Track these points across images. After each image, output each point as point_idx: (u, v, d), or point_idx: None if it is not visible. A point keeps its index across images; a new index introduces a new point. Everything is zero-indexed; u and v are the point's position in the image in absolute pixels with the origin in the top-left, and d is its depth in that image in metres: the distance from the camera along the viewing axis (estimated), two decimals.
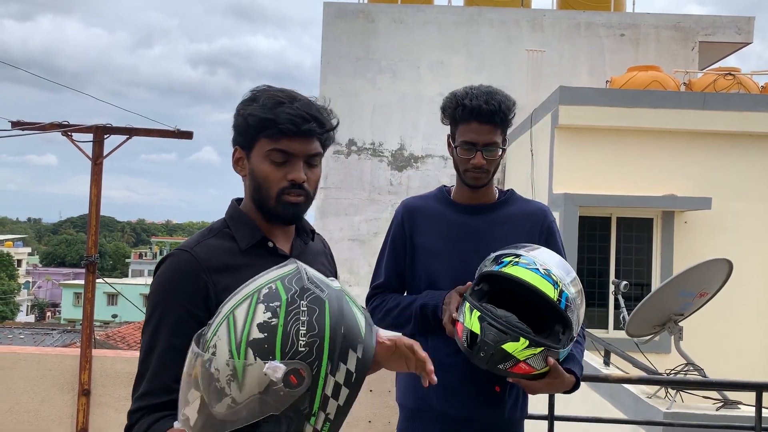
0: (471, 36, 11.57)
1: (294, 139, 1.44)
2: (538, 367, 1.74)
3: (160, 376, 1.40)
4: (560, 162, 7.63)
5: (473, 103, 1.94)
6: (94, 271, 5.46)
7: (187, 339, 1.37)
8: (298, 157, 1.46)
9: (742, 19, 11.73)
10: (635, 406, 3.92)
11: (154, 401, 1.39)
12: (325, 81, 11.42)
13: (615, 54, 11.44)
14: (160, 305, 1.43)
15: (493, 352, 1.72)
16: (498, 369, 1.74)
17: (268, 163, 1.46)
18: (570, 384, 1.86)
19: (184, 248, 1.48)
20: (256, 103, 1.46)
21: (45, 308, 52.86)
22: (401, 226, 2.11)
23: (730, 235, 7.64)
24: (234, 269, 1.47)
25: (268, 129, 1.44)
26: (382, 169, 11.26)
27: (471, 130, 1.96)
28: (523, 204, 2.12)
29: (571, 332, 1.76)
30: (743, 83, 8.94)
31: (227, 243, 1.51)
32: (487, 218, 2.05)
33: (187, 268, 1.43)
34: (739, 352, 7.42)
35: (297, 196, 1.47)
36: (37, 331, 27.38)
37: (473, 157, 1.97)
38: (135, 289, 41.40)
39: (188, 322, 1.40)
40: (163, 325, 1.42)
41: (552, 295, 1.73)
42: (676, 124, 7.75)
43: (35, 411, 4.46)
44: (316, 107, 1.48)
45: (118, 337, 21.97)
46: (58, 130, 5.41)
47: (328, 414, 1.14)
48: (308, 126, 1.43)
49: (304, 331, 1.11)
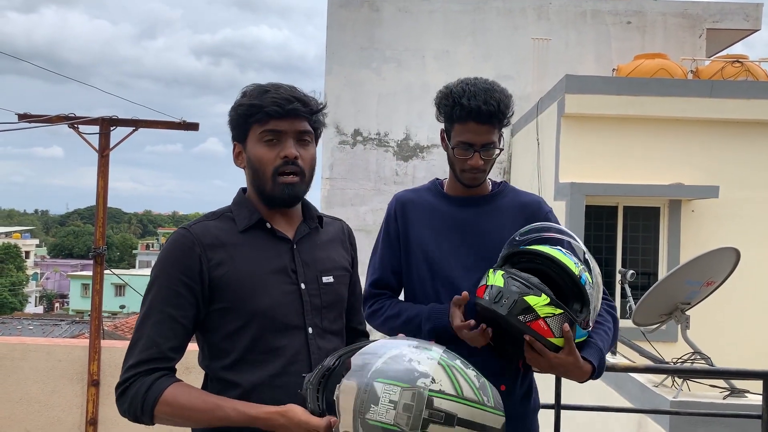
0: (476, 25, 11.50)
1: (282, 120, 1.55)
2: (555, 332, 1.69)
3: (157, 344, 1.47)
4: (566, 151, 7.60)
5: (471, 103, 1.86)
6: (102, 262, 5.48)
7: (180, 309, 1.49)
8: (288, 135, 1.55)
9: (750, 6, 11.62)
10: (642, 395, 3.92)
11: (149, 367, 1.46)
12: (330, 71, 11.39)
13: (621, 42, 11.36)
14: (158, 278, 1.52)
15: (516, 299, 1.70)
16: (518, 320, 1.70)
17: (261, 146, 1.56)
18: (585, 371, 1.77)
19: (183, 226, 1.58)
20: (244, 97, 1.58)
21: (53, 299, 53.19)
22: (394, 220, 2.07)
23: (737, 223, 7.61)
24: (229, 247, 1.54)
25: (256, 114, 1.54)
26: (388, 159, 11.24)
27: (468, 130, 1.90)
28: (516, 195, 2.07)
29: (588, 312, 1.74)
30: (751, 70, 8.86)
31: (226, 225, 1.59)
32: (480, 210, 2.01)
33: (182, 242, 1.53)
34: (746, 341, 7.40)
35: (292, 175, 1.55)
36: (45, 322, 27.57)
37: (470, 158, 1.92)
38: (142, 280, 41.57)
39: (182, 292, 1.49)
40: (158, 296, 1.50)
41: (574, 270, 1.73)
42: (684, 112, 7.70)
43: (45, 401, 4.50)
44: (301, 92, 1.59)
45: (126, 327, 22.09)
46: (64, 122, 5.42)
47: None
48: (293, 106, 1.54)
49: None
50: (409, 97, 11.38)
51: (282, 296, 1.55)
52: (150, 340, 1.47)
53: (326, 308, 1.62)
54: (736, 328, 7.44)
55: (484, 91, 1.89)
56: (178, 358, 1.51)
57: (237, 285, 1.52)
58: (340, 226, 1.81)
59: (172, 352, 1.49)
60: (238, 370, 1.53)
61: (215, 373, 1.57)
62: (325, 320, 1.61)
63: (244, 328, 1.53)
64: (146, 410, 1.43)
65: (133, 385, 1.45)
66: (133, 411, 1.45)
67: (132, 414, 1.45)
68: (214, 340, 1.56)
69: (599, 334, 1.85)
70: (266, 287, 1.54)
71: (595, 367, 1.78)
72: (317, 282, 1.61)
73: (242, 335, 1.53)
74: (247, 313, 1.52)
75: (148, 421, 1.46)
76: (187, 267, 1.50)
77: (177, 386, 1.46)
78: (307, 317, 1.58)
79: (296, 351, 1.54)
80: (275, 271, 1.56)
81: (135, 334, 1.50)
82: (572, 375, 1.77)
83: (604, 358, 1.82)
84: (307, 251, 1.63)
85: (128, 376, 1.46)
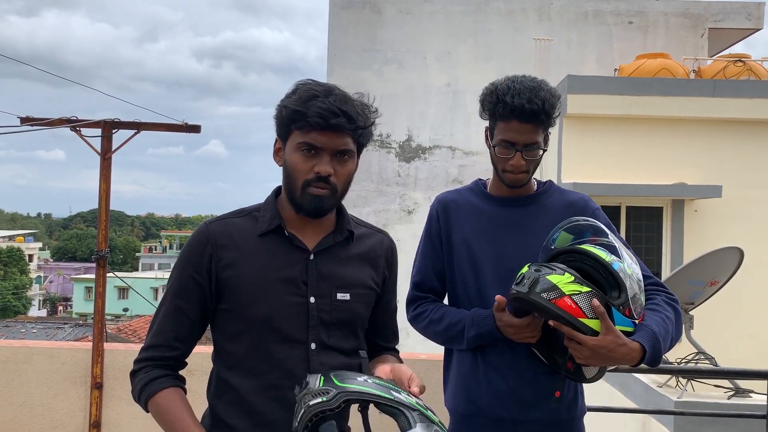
0: (478, 26, 11.50)
1: (323, 133, 1.48)
2: (587, 312, 1.63)
3: (163, 333, 1.56)
4: (569, 151, 7.59)
5: (515, 101, 1.81)
6: (105, 265, 5.49)
7: (188, 302, 1.55)
8: (325, 151, 1.49)
9: (752, 5, 11.60)
10: (646, 395, 3.91)
11: (156, 354, 1.56)
12: (332, 73, 11.40)
13: (623, 42, 11.35)
14: (174, 270, 1.58)
15: (537, 278, 1.66)
16: (541, 298, 1.64)
17: (298, 155, 1.50)
18: (633, 350, 1.64)
19: (205, 222, 1.60)
20: (294, 95, 1.51)
21: (57, 302, 53.28)
22: (437, 221, 2.02)
23: (741, 222, 7.59)
24: (243, 249, 1.54)
25: (298, 121, 1.48)
26: (390, 160, 11.24)
27: (511, 129, 1.84)
28: (562, 194, 2.01)
29: (627, 299, 1.69)
30: (753, 70, 8.85)
31: (249, 224, 1.58)
32: (526, 210, 1.96)
33: (198, 239, 1.56)
34: (750, 341, 7.38)
35: (321, 189, 1.49)
36: (49, 325, 27.61)
37: (512, 158, 1.86)
38: (145, 283, 41.63)
39: (190, 286, 1.54)
40: (171, 288, 1.57)
41: (605, 257, 1.71)
42: (686, 112, 7.69)
43: (48, 404, 4.50)
44: (352, 103, 1.51)
45: (129, 330, 22.12)
46: (66, 125, 5.43)
47: None
48: (337, 121, 1.46)
49: None
50: (411, 99, 11.38)
51: (284, 307, 1.51)
52: (159, 329, 1.56)
53: (336, 325, 1.56)
54: (740, 328, 7.42)
55: (529, 90, 1.83)
56: (182, 348, 1.57)
57: (241, 288, 1.51)
58: (380, 240, 1.70)
59: (176, 342, 1.56)
60: (236, 373, 1.53)
61: (218, 371, 1.57)
62: (332, 337, 1.55)
63: (244, 333, 1.52)
64: (141, 402, 1.55)
65: (140, 373, 1.55)
66: (135, 396, 1.57)
67: (134, 397, 1.58)
68: (219, 339, 1.57)
69: (653, 319, 1.74)
70: (269, 295, 1.51)
71: (646, 348, 1.66)
72: (330, 297, 1.55)
73: (242, 340, 1.52)
74: (247, 318, 1.51)
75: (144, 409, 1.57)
76: (197, 263, 1.54)
77: (170, 392, 1.52)
78: (311, 332, 1.52)
79: (295, 364, 1.50)
80: (283, 280, 1.52)
81: (151, 322, 1.60)
82: (618, 357, 1.64)
83: (659, 340, 1.69)
84: (327, 264, 1.57)
85: (140, 359, 1.57)
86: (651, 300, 1.84)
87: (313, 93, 1.49)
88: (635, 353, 1.66)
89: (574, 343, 1.68)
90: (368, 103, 1.57)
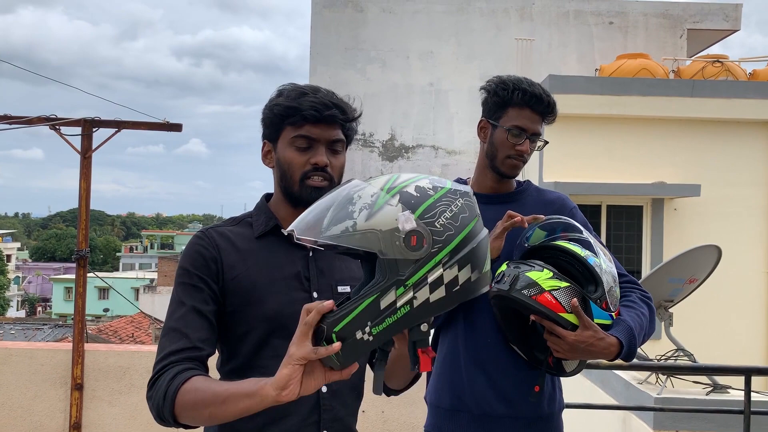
0: (460, 25, 11.54)
1: (317, 125, 1.52)
2: (566, 306, 1.68)
3: (185, 336, 1.44)
4: (550, 150, 7.64)
5: (534, 90, 1.93)
6: (85, 265, 5.43)
7: (204, 303, 1.48)
8: (320, 142, 1.53)
9: (729, 6, 11.76)
10: (626, 392, 3.95)
11: (181, 356, 1.42)
12: (314, 71, 11.37)
13: (604, 42, 11.45)
14: (180, 276, 1.52)
15: (517, 275, 1.72)
16: (522, 294, 1.69)
17: (292, 150, 1.53)
18: (611, 344, 1.70)
19: (201, 230, 1.59)
20: (282, 96, 1.55)
21: (35, 303, 52.59)
22: None
23: (718, 221, 7.70)
24: (243, 252, 1.54)
25: (292, 116, 1.52)
26: (373, 159, 11.25)
27: (524, 116, 1.93)
28: (540, 193, 2.07)
29: (604, 292, 1.74)
30: (731, 70, 8.98)
31: (244, 230, 1.59)
32: (504, 208, 1.98)
33: (200, 244, 1.54)
34: (728, 337, 7.49)
35: (320, 180, 1.52)
36: (28, 326, 27.23)
37: (521, 143, 1.93)
38: (126, 283, 41.21)
39: (203, 287, 1.49)
40: (182, 293, 1.50)
41: (579, 252, 1.77)
42: (665, 112, 7.78)
43: (27, 406, 4.45)
44: (338, 98, 1.57)
45: (110, 330, 21.90)
46: (45, 123, 5.36)
47: (414, 299, 1.14)
48: (330, 112, 1.51)
49: (447, 216, 1.16)
50: (394, 98, 11.39)
51: (291, 303, 1.51)
52: (178, 333, 1.44)
53: None
54: (719, 325, 7.52)
55: (539, 85, 1.98)
56: (208, 349, 1.47)
57: (247, 289, 1.51)
58: None
59: (201, 343, 1.45)
60: (243, 375, 1.51)
61: (224, 376, 1.56)
62: None
63: (250, 333, 1.51)
64: (168, 399, 1.34)
65: (163, 376, 1.38)
66: (157, 404, 1.35)
67: (156, 408, 1.36)
68: (223, 345, 1.56)
69: (630, 314, 1.81)
70: (276, 293, 1.52)
71: (623, 343, 1.72)
72: (331, 291, 1.57)
73: (248, 340, 1.52)
74: (255, 318, 1.51)
75: (169, 416, 1.34)
76: (204, 266, 1.51)
77: (204, 377, 1.39)
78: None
79: None
80: (287, 277, 1.54)
81: (163, 329, 1.49)
82: (597, 352, 1.71)
83: (634, 336, 1.76)
84: (325, 259, 1.59)
85: (158, 368, 1.41)
86: (626, 297, 1.90)
87: (301, 91, 1.54)
88: (613, 347, 1.72)
89: (554, 337, 1.73)
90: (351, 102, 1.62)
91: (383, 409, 4.24)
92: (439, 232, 1.14)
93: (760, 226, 7.82)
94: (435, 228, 1.14)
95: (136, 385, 4.44)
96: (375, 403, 4.21)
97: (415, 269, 1.13)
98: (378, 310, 1.13)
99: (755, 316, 7.76)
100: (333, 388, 1.54)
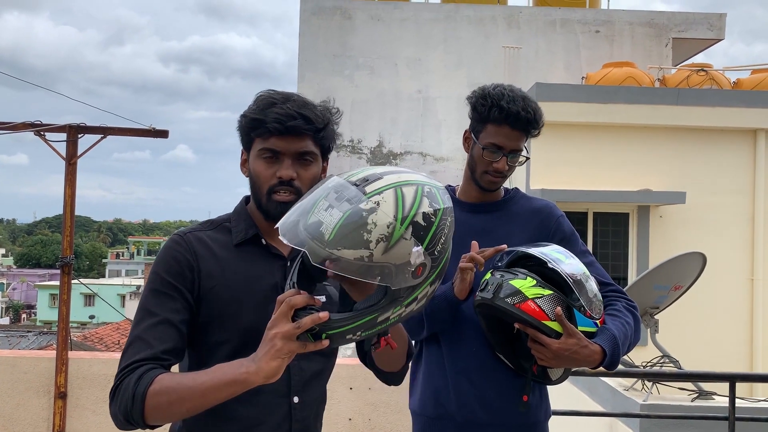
0: (448, 33, 11.59)
1: (282, 138, 1.49)
2: (550, 315, 1.69)
3: (150, 346, 1.40)
4: (537, 158, 7.68)
5: (511, 107, 1.88)
6: (70, 272, 5.38)
7: (174, 313, 1.44)
8: (286, 155, 1.50)
9: (713, 16, 11.90)
10: (612, 398, 3.97)
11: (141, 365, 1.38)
12: (302, 78, 11.38)
13: (590, 50, 11.55)
14: (152, 282, 1.48)
15: (500, 283, 1.72)
16: (506, 303, 1.70)
17: (260, 162, 1.51)
18: (594, 352, 1.71)
19: (177, 233, 1.54)
20: (254, 105, 1.53)
21: (20, 310, 52.02)
22: None
23: (704, 228, 7.77)
24: (221, 260, 1.51)
25: (258, 129, 1.49)
26: (361, 165, 11.21)
27: (501, 133, 1.90)
28: (528, 201, 2.06)
29: (588, 300, 1.75)
30: (715, 79, 9.08)
31: (222, 236, 1.55)
32: (492, 216, 2.00)
33: (176, 249, 1.49)
34: (713, 344, 7.54)
35: (286, 194, 1.49)
36: (12, 333, 26.92)
37: (497, 161, 1.91)
38: (112, 290, 40.89)
39: (175, 296, 1.45)
40: (152, 300, 1.45)
41: (564, 260, 1.78)
42: (651, 120, 7.85)
43: (9, 415, 4.39)
44: (310, 107, 1.52)
45: (95, 338, 21.70)
46: (30, 129, 5.32)
47: (403, 312, 1.24)
48: (294, 123, 1.47)
49: (443, 240, 1.24)
50: (382, 104, 11.42)
51: (268, 317, 1.44)
52: (143, 343, 1.40)
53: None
54: (704, 332, 7.58)
55: (522, 99, 1.91)
56: (173, 360, 1.44)
57: (224, 301, 1.48)
58: None
59: (165, 355, 1.41)
60: None
61: None
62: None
63: (225, 344, 1.49)
64: (137, 401, 1.32)
65: (126, 380, 1.36)
66: (124, 407, 1.33)
67: (123, 412, 1.34)
68: (193, 354, 1.53)
69: (614, 323, 1.81)
70: (254, 307, 1.49)
71: (606, 351, 1.72)
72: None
73: (221, 351, 1.49)
74: (230, 330, 1.48)
75: (139, 419, 1.33)
76: (179, 274, 1.46)
77: (170, 373, 1.38)
78: None
79: None
80: (265, 289, 1.51)
81: (129, 338, 1.44)
82: (580, 360, 1.71)
83: (618, 344, 1.76)
84: None
85: (120, 376, 1.38)
86: (612, 306, 1.89)
87: (271, 101, 1.51)
88: (596, 355, 1.72)
89: (538, 345, 1.73)
90: (330, 107, 1.59)
91: (370, 417, 4.23)
92: (437, 258, 1.23)
93: (744, 234, 7.90)
94: (434, 255, 1.22)
95: None
96: (362, 411, 4.19)
97: (412, 291, 1.22)
98: (374, 324, 1.23)
99: (739, 323, 7.82)
100: (303, 399, 1.52)
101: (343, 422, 4.20)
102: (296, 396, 1.51)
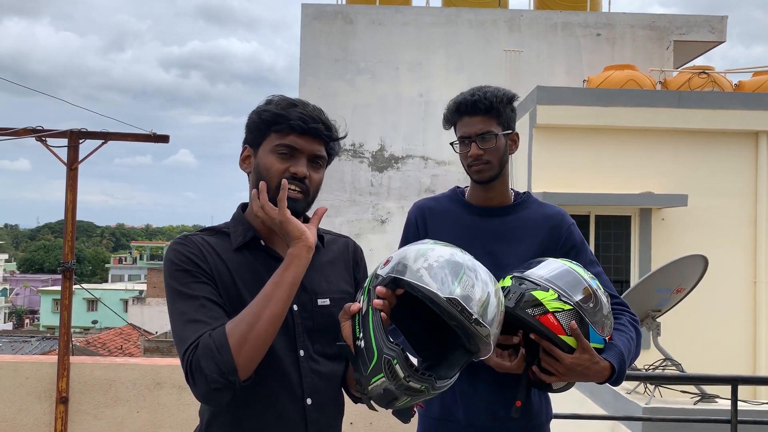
0: (449, 37, 11.60)
1: (302, 137, 1.54)
2: (567, 330, 1.70)
3: (206, 323, 1.41)
4: (539, 161, 7.69)
5: (458, 98, 1.97)
6: (71, 277, 5.39)
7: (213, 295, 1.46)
8: (303, 153, 1.55)
9: (715, 18, 11.90)
10: (615, 402, 3.96)
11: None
12: (304, 83, 11.39)
13: (591, 53, 11.55)
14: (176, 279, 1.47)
15: (523, 293, 1.72)
16: (526, 313, 1.70)
17: (273, 156, 1.54)
18: (604, 368, 1.74)
19: (180, 236, 1.56)
20: (271, 105, 1.57)
21: (23, 315, 52.06)
22: (415, 227, 2.06)
23: (706, 231, 7.75)
24: (225, 263, 1.52)
25: (279, 124, 1.53)
26: (363, 170, 11.25)
27: (463, 125, 1.97)
28: (540, 207, 2.05)
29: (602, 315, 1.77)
30: (717, 81, 9.07)
31: (222, 241, 1.57)
32: (502, 220, 1.99)
33: (188, 248, 1.51)
34: (715, 346, 7.52)
35: (296, 191, 1.53)
36: (15, 338, 26.95)
37: (469, 150, 1.95)
38: (115, 295, 40.90)
39: (206, 280, 1.47)
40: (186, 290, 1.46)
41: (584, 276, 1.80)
42: (652, 123, 7.84)
43: (11, 420, 4.40)
44: (326, 116, 1.60)
45: (98, 343, 21.73)
46: (32, 135, 5.33)
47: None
48: (316, 126, 1.54)
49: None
50: (383, 109, 11.42)
51: None
52: (198, 323, 1.40)
53: (319, 331, 1.57)
54: (706, 334, 7.55)
55: (477, 89, 1.97)
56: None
57: (229, 302, 1.49)
58: (345, 243, 1.74)
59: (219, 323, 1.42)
60: None
61: None
62: (317, 344, 1.56)
63: None
64: (222, 347, 1.35)
65: (198, 348, 1.36)
66: (212, 363, 1.34)
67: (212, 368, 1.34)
68: None
69: (621, 339, 1.83)
70: None
71: (615, 368, 1.75)
72: (311, 304, 1.57)
73: None
74: None
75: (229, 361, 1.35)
76: (196, 264, 1.48)
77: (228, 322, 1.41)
78: (298, 339, 1.53)
79: (286, 372, 1.50)
80: None
81: (177, 330, 1.43)
82: (590, 375, 1.74)
83: (624, 360, 1.79)
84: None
85: (188, 352, 1.37)
86: (617, 320, 1.90)
87: (291, 102, 1.57)
88: (605, 371, 1.75)
89: (550, 358, 1.73)
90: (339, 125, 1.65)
91: (371, 421, 4.22)
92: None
93: (746, 236, 7.88)
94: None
95: (122, 398, 4.39)
96: (363, 414, 4.18)
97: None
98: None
99: (742, 326, 7.79)
100: (317, 401, 1.53)
101: (345, 426, 4.19)
102: (309, 398, 1.52)
